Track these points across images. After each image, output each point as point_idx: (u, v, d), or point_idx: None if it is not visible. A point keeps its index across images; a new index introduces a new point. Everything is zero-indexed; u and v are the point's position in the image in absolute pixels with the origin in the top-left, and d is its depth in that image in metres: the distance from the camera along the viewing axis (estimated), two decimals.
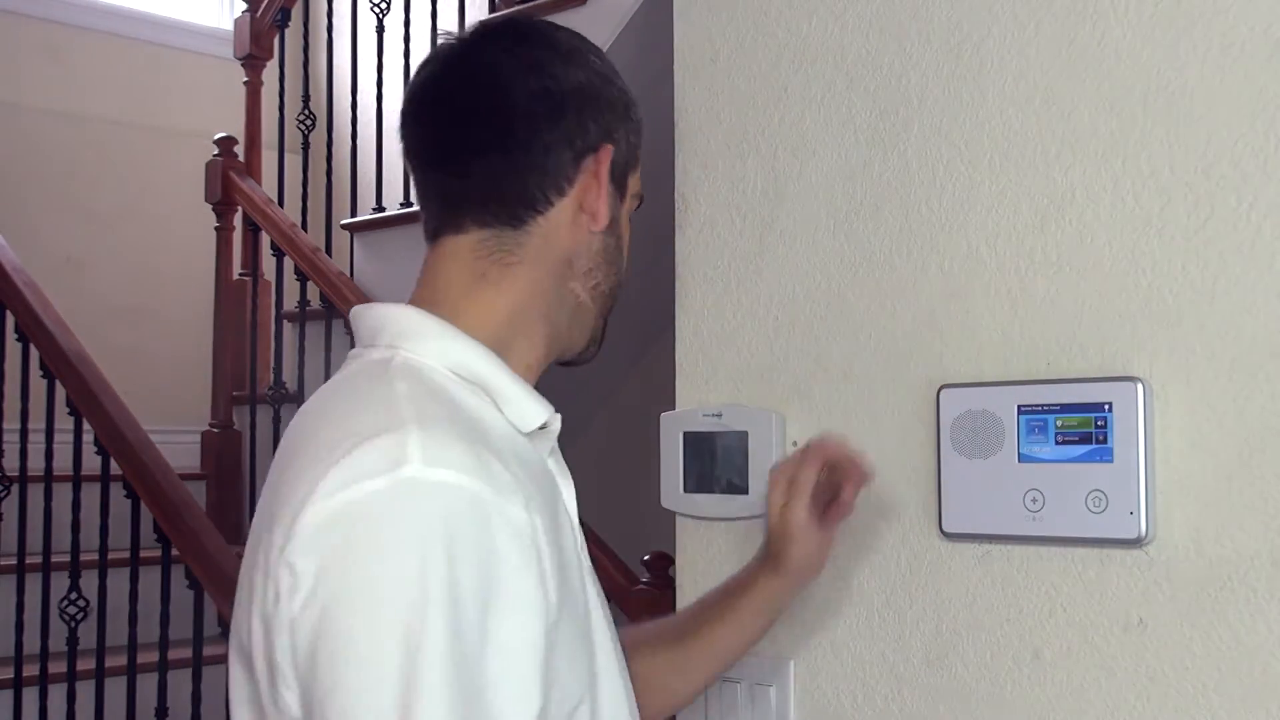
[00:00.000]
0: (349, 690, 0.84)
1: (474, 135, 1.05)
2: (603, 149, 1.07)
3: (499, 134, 1.05)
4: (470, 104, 1.06)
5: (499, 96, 1.05)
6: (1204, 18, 1.20)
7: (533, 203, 1.05)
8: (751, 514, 1.44)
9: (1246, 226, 1.17)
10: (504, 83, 1.05)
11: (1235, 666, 1.15)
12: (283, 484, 0.94)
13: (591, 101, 1.07)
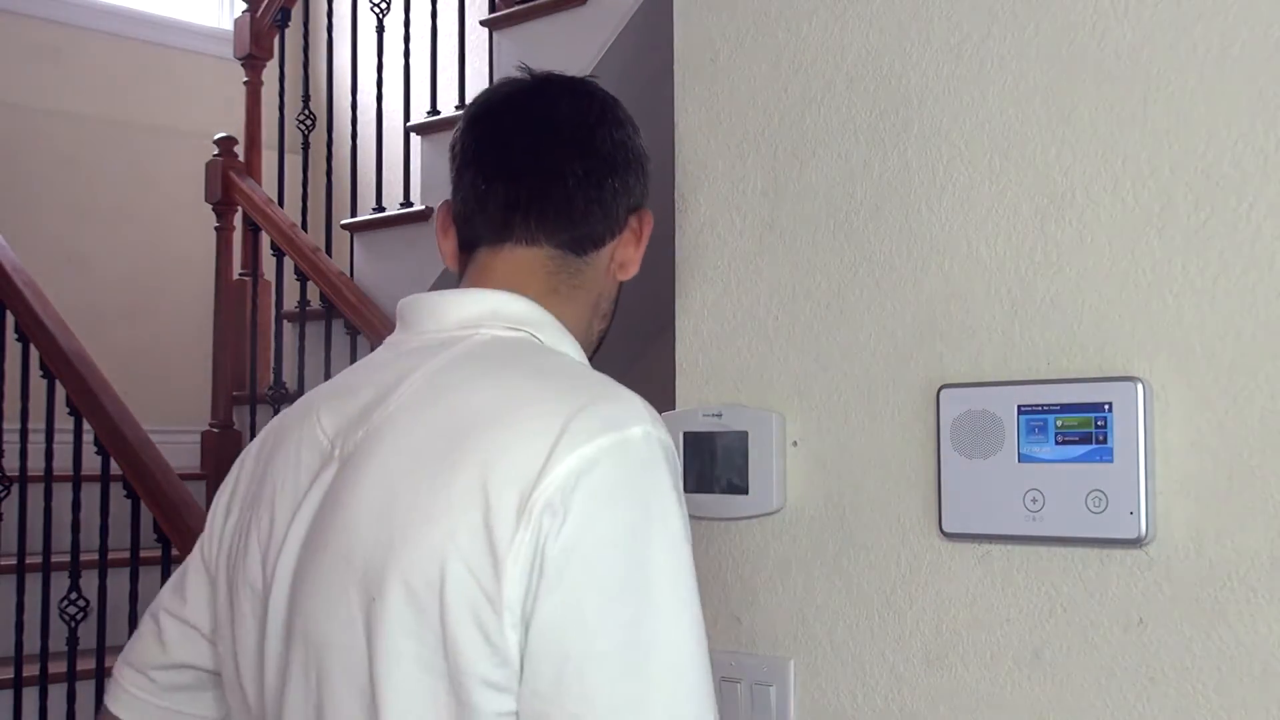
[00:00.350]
0: (642, 600, 1.00)
1: (560, 160, 1.18)
2: (645, 213, 1.24)
3: (583, 167, 1.19)
4: (561, 132, 1.19)
5: (586, 134, 1.19)
6: (1204, 18, 1.20)
7: (596, 238, 1.20)
8: (751, 514, 1.44)
9: (1246, 226, 1.17)
10: (592, 124, 1.20)
11: (1235, 666, 1.15)
12: (472, 449, 1.00)
13: (644, 167, 1.24)
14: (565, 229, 1.18)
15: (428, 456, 1.03)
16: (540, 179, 1.18)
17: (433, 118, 3.67)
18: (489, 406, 1.04)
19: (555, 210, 1.18)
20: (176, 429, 4.18)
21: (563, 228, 1.18)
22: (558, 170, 1.18)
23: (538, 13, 3.43)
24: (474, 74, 3.63)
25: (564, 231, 1.18)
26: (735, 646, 1.46)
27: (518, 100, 1.21)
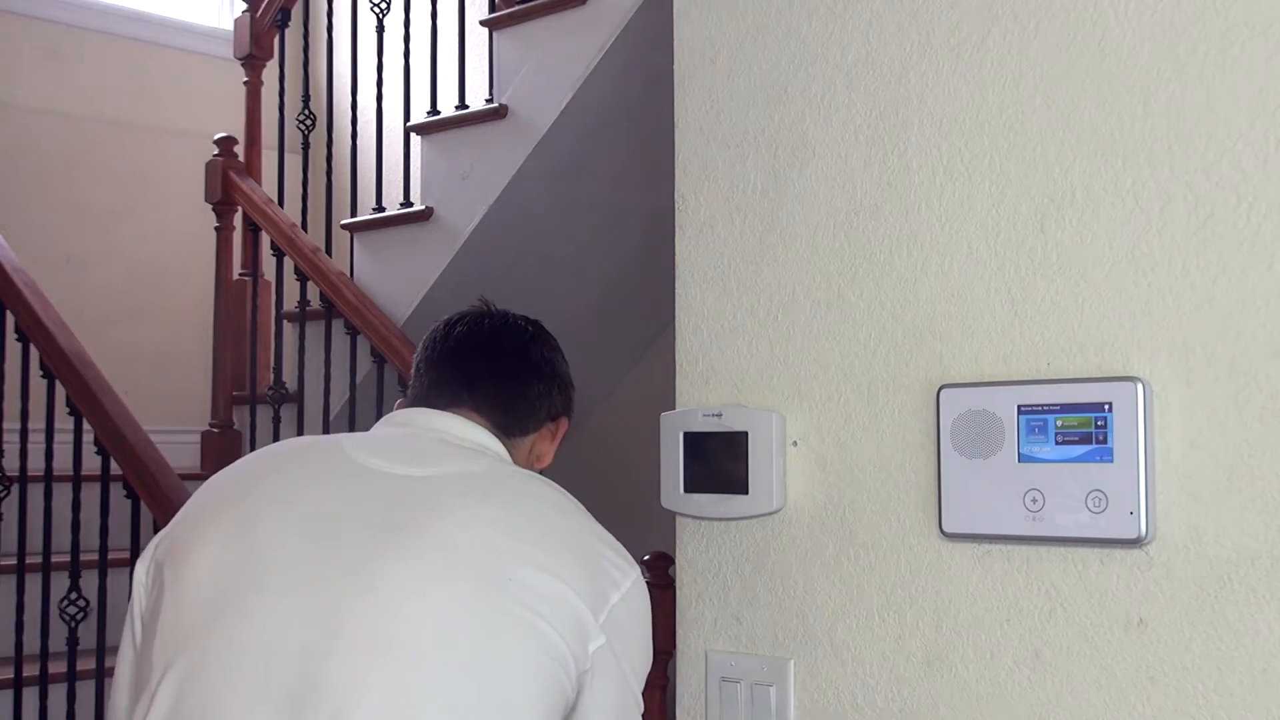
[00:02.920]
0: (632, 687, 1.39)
1: (499, 365, 1.60)
2: (563, 420, 1.65)
3: (514, 372, 1.60)
4: (502, 344, 1.62)
5: (521, 348, 1.62)
6: (1204, 18, 1.20)
7: (520, 427, 1.59)
8: (751, 514, 1.44)
9: (1246, 226, 1.17)
10: (526, 343, 1.62)
11: (1235, 666, 1.15)
12: (580, 551, 1.38)
13: (567, 386, 1.65)
14: (498, 411, 1.55)
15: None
16: (483, 373, 1.57)
17: (433, 118, 3.67)
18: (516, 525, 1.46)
19: (491, 397, 1.55)
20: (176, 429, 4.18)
21: (496, 409, 1.55)
22: (497, 370, 1.58)
23: (538, 13, 3.43)
24: (474, 74, 3.63)
25: (497, 413, 1.55)
26: (735, 646, 1.46)
27: (486, 329, 1.63)
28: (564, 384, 1.64)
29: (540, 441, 1.61)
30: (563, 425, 1.64)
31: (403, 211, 3.70)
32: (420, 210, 3.64)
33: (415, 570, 1.27)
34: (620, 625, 1.34)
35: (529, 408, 1.59)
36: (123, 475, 2.87)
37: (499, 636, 1.26)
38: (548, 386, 1.61)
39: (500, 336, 1.62)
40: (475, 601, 1.26)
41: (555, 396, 1.62)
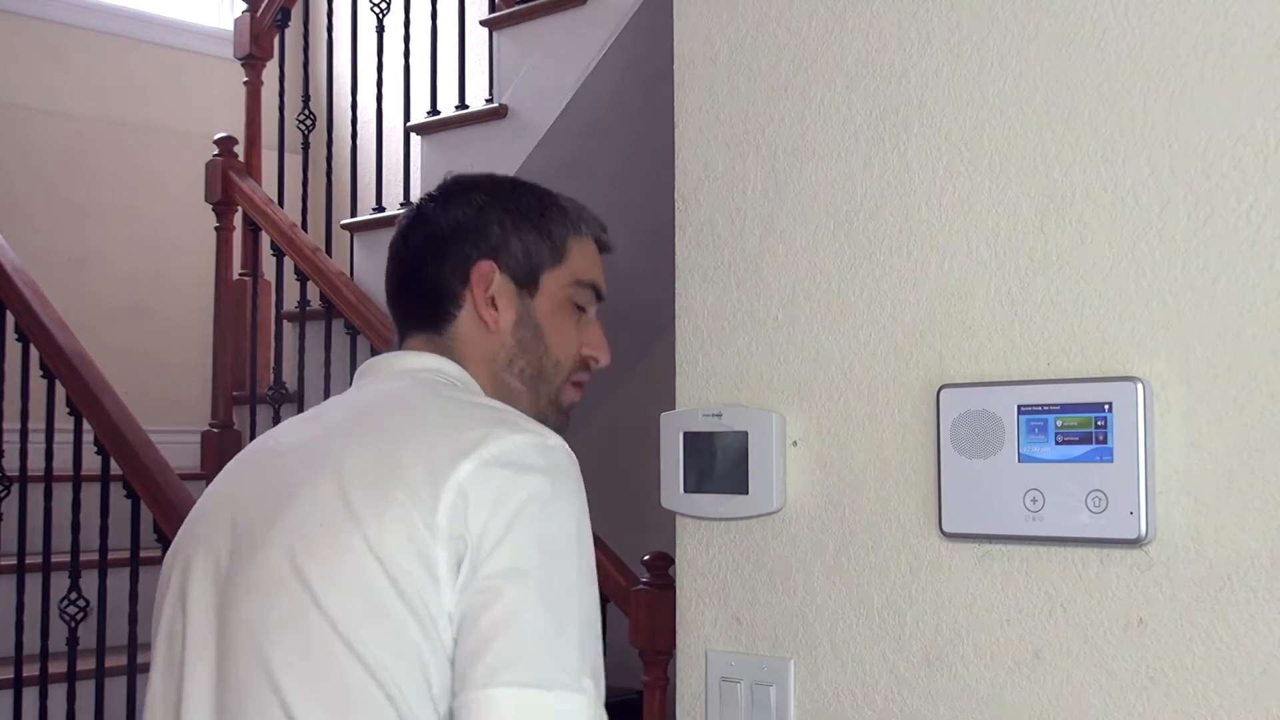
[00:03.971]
0: (552, 568, 1.14)
1: (392, 290, 1.42)
2: (479, 265, 1.35)
3: (401, 284, 1.40)
4: (389, 274, 1.42)
5: (401, 256, 1.41)
6: (1204, 18, 1.20)
7: (440, 314, 1.36)
8: (751, 514, 1.44)
9: (1246, 226, 1.17)
10: (407, 243, 1.40)
11: (1235, 666, 1.15)
12: (396, 458, 1.17)
13: (468, 231, 1.37)
14: (417, 319, 1.38)
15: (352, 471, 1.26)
16: (392, 289, 1.41)
17: (433, 118, 3.67)
18: (369, 428, 1.28)
19: (409, 308, 1.39)
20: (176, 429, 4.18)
21: (416, 317, 1.38)
22: (395, 274, 1.41)
23: (538, 13, 3.43)
24: (474, 74, 3.63)
25: (419, 321, 1.37)
26: (735, 646, 1.46)
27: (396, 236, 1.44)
28: (458, 231, 1.37)
29: (480, 310, 1.35)
30: (483, 271, 1.35)
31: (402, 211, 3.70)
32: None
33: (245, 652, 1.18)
34: (481, 519, 1.13)
35: (430, 286, 1.36)
36: (123, 475, 2.86)
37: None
38: (437, 246, 1.37)
39: (393, 242, 1.42)
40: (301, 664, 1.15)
41: (450, 250, 1.36)
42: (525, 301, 1.36)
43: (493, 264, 1.35)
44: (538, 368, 1.37)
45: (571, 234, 1.39)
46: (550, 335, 1.37)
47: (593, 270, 1.41)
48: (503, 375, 1.36)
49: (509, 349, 1.36)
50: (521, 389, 1.37)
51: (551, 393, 1.38)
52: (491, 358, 1.36)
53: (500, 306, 1.35)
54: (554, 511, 1.16)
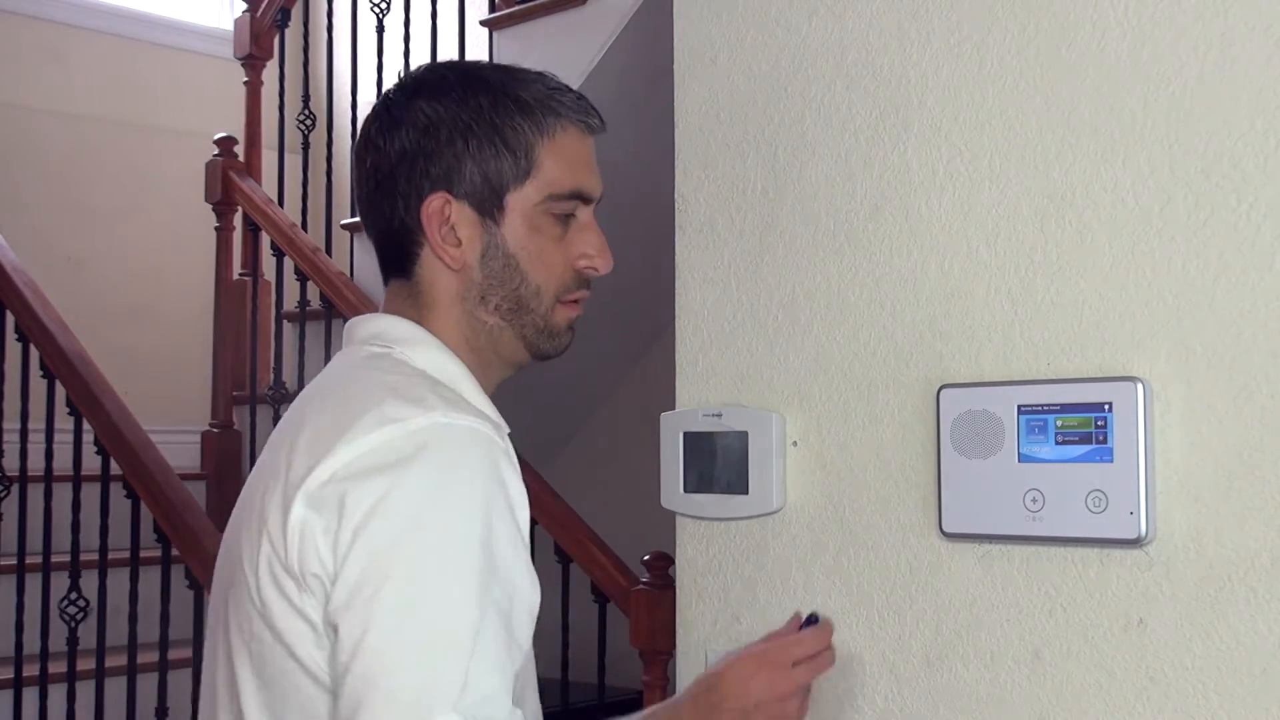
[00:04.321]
0: (430, 579, 1.02)
1: (365, 215, 1.25)
2: (430, 201, 1.18)
3: (365, 219, 1.24)
4: (356, 193, 1.26)
5: (359, 187, 1.24)
6: (1204, 18, 1.20)
7: (406, 258, 1.21)
8: (751, 514, 1.44)
9: (1246, 226, 1.17)
10: (358, 172, 1.23)
11: (1235, 666, 1.15)
12: (294, 449, 1.09)
13: (415, 160, 1.18)
14: (383, 266, 1.24)
15: (260, 470, 1.16)
16: (369, 235, 1.25)
17: None
18: (294, 421, 1.16)
19: (379, 253, 1.24)
20: (176, 429, 4.18)
21: (387, 266, 1.23)
22: (360, 213, 1.25)
23: (538, 13, 3.43)
24: None
25: (385, 268, 1.23)
26: (735, 646, 1.46)
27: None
28: (404, 160, 1.18)
29: (438, 251, 1.19)
30: (434, 208, 1.18)
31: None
32: None
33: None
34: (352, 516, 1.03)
35: (385, 230, 1.21)
36: (123, 475, 2.86)
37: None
38: (383, 182, 1.20)
39: (351, 170, 1.26)
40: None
41: (399, 184, 1.19)
42: (490, 230, 1.18)
43: (445, 196, 1.17)
44: (515, 301, 1.19)
45: (539, 138, 1.18)
46: (526, 262, 1.19)
47: (574, 174, 1.20)
48: (477, 313, 1.20)
49: (479, 284, 1.19)
50: (501, 324, 1.20)
51: (538, 322, 1.20)
52: (462, 296, 1.19)
53: (463, 238, 1.18)
54: (394, 507, 1.02)
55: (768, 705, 1.20)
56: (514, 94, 1.19)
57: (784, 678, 1.21)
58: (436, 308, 1.20)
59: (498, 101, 1.18)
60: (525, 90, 1.20)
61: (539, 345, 1.22)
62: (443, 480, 1.05)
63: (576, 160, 1.21)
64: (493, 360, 1.22)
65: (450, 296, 1.20)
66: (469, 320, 1.20)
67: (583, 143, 1.22)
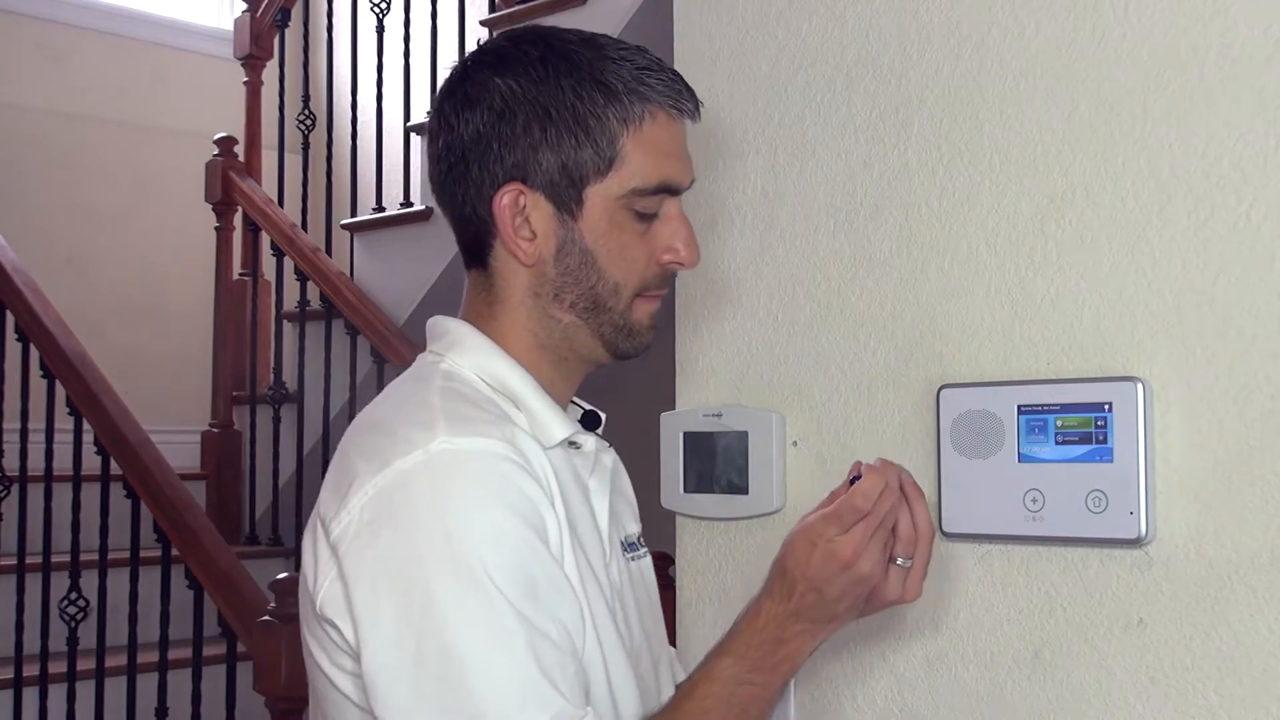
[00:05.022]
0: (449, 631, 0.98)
1: (439, 200, 1.17)
2: (503, 190, 1.10)
3: (441, 203, 1.17)
4: (431, 175, 1.17)
5: (434, 169, 1.16)
6: (1204, 18, 1.20)
7: (482, 248, 1.14)
8: (751, 514, 1.44)
9: (1246, 226, 1.17)
10: (434, 153, 1.15)
11: (1235, 666, 1.15)
12: (333, 468, 1.08)
13: (488, 145, 1.10)
14: (468, 254, 1.16)
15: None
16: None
17: None
18: (348, 436, 1.13)
19: (454, 234, 1.17)
20: (176, 429, 4.18)
21: (465, 254, 1.17)
22: (435, 194, 1.18)
23: (538, 13, 3.42)
24: None
25: (467, 256, 1.17)
26: None
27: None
28: (477, 145, 1.11)
29: (510, 246, 1.11)
30: (506, 202, 1.10)
31: (403, 211, 3.70)
32: (420, 210, 3.64)
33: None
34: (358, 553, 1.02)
35: (459, 217, 1.14)
36: (123, 475, 2.86)
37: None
38: (455, 166, 1.12)
39: (427, 147, 1.18)
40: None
41: (471, 171, 1.11)
42: (567, 224, 1.10)
43: (519, 187, 1.09)
44: (592, 299, 1.12)
45: (625, 128, 1.09)
46: (605, 259, 1.11)
47: (660, 166, 1.11)
48: (551, 310, 1.12)
49: (552, 281, 1.11)
50: (577, 322, 1.13)
51: (616, 320, 1.12)
52: (535, 292, 1.12)
53: (538, 233, 1.10)
54: (394, 567, 1.00)
55: (835, 578, 1.07)
56: (600, 77, 1.09)
57: (842, 546, 1.06)
58: (509, 302, 1.13)
59: (581, 85, 1.09)
60: (612, 72, 1.09)
61: (618, 344, 1.14)
62: (439, 521, 1.00)
63: (664, 149, 1.11)
64: (569, 357, 1.15)
65: (523, 291, 1.13)
66: (542, 317, 1.13)
67: (672, 129, 1.13)
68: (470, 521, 0.99)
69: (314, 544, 1.05)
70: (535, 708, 0.96)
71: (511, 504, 1.01)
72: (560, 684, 0.98)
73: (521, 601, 0.98)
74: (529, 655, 0.97)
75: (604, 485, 1.16)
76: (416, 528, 1.00)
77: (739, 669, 1.07)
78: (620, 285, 1.12)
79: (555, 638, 1.00)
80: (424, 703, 0.97)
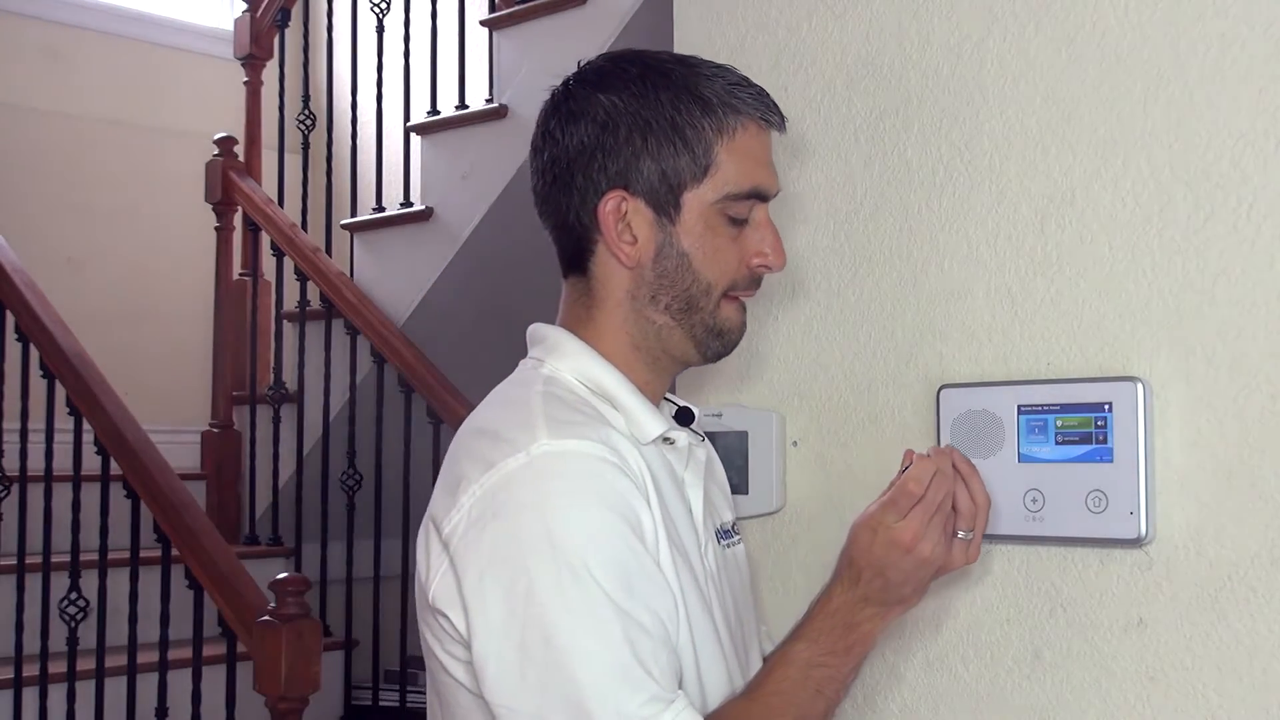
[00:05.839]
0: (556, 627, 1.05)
1: (541, 217, 1.24)
2: (607, 198, 1.17)
3: (543, 212, 1.23)
4: (534, 187, 1.24)
5: (536, 179, 1.22)
6: (1204, 18, 1.20)
7: (583, 254, 1.20)
8: (751, 514, 1.44)
9: (1246, 226, 1.17)
10: (537, 164, 1.22)
11: (1235, 666, 1.15)
12: (446, 471, 1.15)
13: (592, 155, 1.17)
14: (569, 262, 1.22)
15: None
16: (547, 229, 1.24)
17: (433, 118, 3.67)
18: (458, 438, 1.20)
19: (557, 249, 1.23)
20: (176, 429, 4.18)
21: (566, 262, 1.23)
22: (541, 214, 1.24)
23: (538, 13, 3.43)
24: (474, 74, 3.63)
25: (567, 264, 1.23)
26: None
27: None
28: (582, 155, 1.18)
29: (614, 249, 1.18)
30: (610, 207, 1.17)
31: (403, 211, 3.70)
32: (420, 210, 3.64)
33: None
34: (468, 545, 1.10)
35: (563, 225, 1.21)
36: (123, 475, 2.86)
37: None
38: (560, 176, 1.19)
39: (530, 160, 1.25)
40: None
41: (575, 180, 1.18)
42: (665, 228, 1.17)
43: (621, 194, 1.17)
44: (686, 300, 1.18)
45: (719, 138, 1.17)
46: (699, 261, 1.18)
47: (752, 174, 1.18)
48: (646, 312, 1.19)
49: (650, 284, 1.18)
50: (670, 324, 1.19)
51: (707, 321, 1.19)
52: (632, 295, 1.19)
53: (639, 237, 1.17)
54: (501, 568, 1.07)
55: (899, 562, 1.13)
56: (695, 91, 1.17)
57: (901, 532, 1.12)
58: (607, 305, 1.20)
59: (678, 98, 1.17)
60: (707, 87, 1.17)
61: (708, 344, 1.21)
62: (541, 518, 1.07)
63: (755, 158, 1.18)
64: (662, 358, 1.21)
65: (621, 294, 1.20)
66: (638, 319, 1.20)
67: (761, 140, 1.20)
68: (569, 519, 1.07)
69: (426, 542, 1.13)
70: (630, 691, 1.03)
71: (608, 502, 1.08)
72: (653, 670, 1.05)
73: (617, 593, 1.05)
74: (624, 643, 1.04)
75: (698, 477, 1.23)
76: (520, 524, 1.07)
77: (813, 652, 1.14)
78: (711, 285, 1.19)
79: (649, 627, 1.06)
80: (528, 686, 1.05)
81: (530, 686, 1.05)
